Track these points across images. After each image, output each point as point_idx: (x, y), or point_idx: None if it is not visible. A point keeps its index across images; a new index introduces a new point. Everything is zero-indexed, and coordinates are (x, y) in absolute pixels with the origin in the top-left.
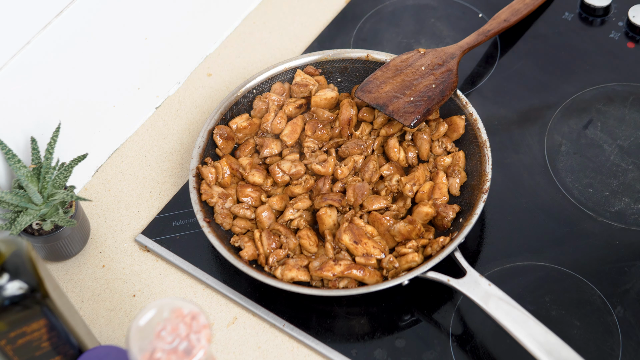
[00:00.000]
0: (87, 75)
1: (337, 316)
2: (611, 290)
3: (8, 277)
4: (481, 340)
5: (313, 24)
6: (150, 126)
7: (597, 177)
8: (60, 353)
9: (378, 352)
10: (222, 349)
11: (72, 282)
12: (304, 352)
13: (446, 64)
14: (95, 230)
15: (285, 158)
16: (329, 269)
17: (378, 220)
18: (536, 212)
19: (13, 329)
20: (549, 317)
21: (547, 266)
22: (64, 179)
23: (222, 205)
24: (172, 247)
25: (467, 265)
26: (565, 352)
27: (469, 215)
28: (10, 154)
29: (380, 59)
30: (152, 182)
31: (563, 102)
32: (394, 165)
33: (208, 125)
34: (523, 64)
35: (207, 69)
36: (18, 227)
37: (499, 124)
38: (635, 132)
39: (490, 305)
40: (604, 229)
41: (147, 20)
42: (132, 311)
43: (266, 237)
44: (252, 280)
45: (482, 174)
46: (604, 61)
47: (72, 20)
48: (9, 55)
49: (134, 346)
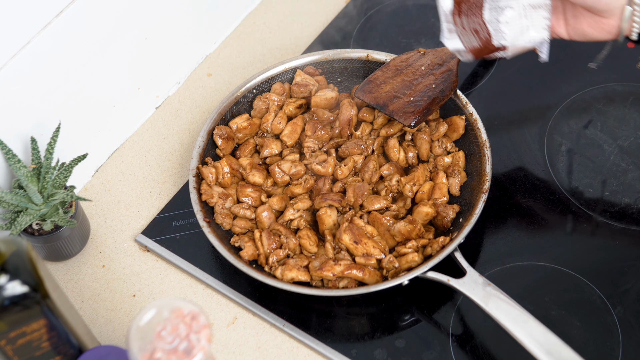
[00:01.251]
0: (87, 75)
1: (337, 316)
2: (611, 290)
3: (8, 277)
4: (481, 340)
5: (313, 24)
6: (150, 126)
7: (597, 177)
8: (60, 353)
9: (378, 352)
10: (222, 349)
11: (72, 282)
12: (304, 352)
13: (446, 63)
14: (95, 230)
15: (285, 158)
16: (329, 269)
17: (378, 220)
18: (536, 212)
19: (13, 329)
20: (549, 317)
21: (547, 266)
22: (64, 179)
23: (222, 205)
24: (172, 247)
25: (467, 265)
26: (565, 352)
27: (469, 215)
28: (10, 154)
29: (380, 59)
30: (152, 182)
31: (563, 102)
32: (394, 165)
33: (208, 126)
34: (523, 64)
35: (207, 69)
36: (18, 227)
37: (499, 124)
38: (635, 132)
39: (490, 305)
40: (604, 229)
41: (147, 20)
42: (132, 311)
43: (266, 237)
44: (252, 280)
45: (482, 174)
46: (604, 61)
47: (72, 20)
48: (9, 55)
49: (134, 346)
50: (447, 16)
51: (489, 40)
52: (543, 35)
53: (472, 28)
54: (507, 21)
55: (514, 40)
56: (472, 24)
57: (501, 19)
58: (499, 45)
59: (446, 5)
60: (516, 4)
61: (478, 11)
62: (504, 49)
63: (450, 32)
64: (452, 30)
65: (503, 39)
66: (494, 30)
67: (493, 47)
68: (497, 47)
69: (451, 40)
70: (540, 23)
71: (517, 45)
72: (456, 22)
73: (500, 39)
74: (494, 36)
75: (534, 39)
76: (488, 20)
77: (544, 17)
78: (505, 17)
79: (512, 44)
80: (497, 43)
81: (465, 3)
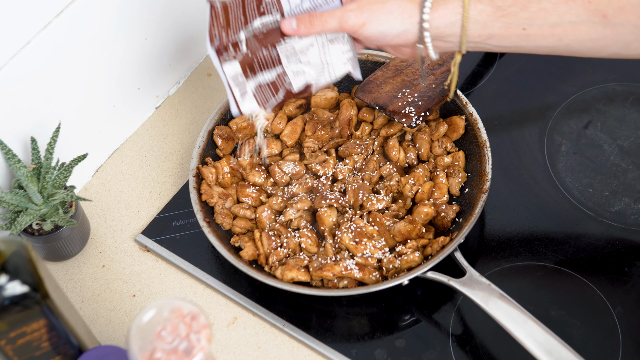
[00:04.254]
0: (87, 75)
1: (337, 316)
2: (611, 290)
3: (8, 277)
4: (481, 340)
5: None
6: (150, 126)
7: (597, 177)
8: (60, 353)
9: (378, 352)
10: (222, 349)
11: (72, 282)
12: (304, 352)
13: (446, 64)
14: (95, 230)
15: (286, 158)
16: (329, 269)
17: (378, 220)
18: (536, 212)
19: (13, 329)
20: (549, 317)
21: (547, 266)
22: (64, 179)
23: (222, 205)
24: (172, 247)
25: (467, 265)
26: (565, 352)
27: (469, 215)
28: (10, 154)
29: (380, 59)
30: (152, 182)
31: (563, 102)
32: (394, 165)
33: (208, 126)
34: (523, 64)
35: (207, 69)
36: (18, 227)
37: (499, 124)
38: (635, 132)
39: (490, 305)
40: (604, 229)
41: (147, 20)
42: (132, 311)
43: (266, 237)
44: (252, 280)
45: (482, 174)
46: (604, 61)
47: (72, 20)
48: (9, 55)
49: (134, 346)
50: (237, 80)
51: (290, 88)
52: (346, 69)
53: (269, 81)
54: (308, 61)
55: (318, 78)
56: (269, 77)
57: (303, 59)
58: (302, 88)
59: (232, 72)
60: (315, 42)
61: (275, 60)
62: (306, 90)
63: (243, 95)
64: (245, 93)
65: (307, 79)
66: (294, 75)
67: (293, 93)
68: (298, 91)
69: (245, 103)
70: (340, 58)
71: (321, 83)
72: (249, 81)
73: (303, 80)
74: (293, 81)
75: (338, 73)
76: (287, 66)
77: (343, 52)
78: (307, 57)
79: (316, 81)
80: (300, 86)
81: (257, 59)
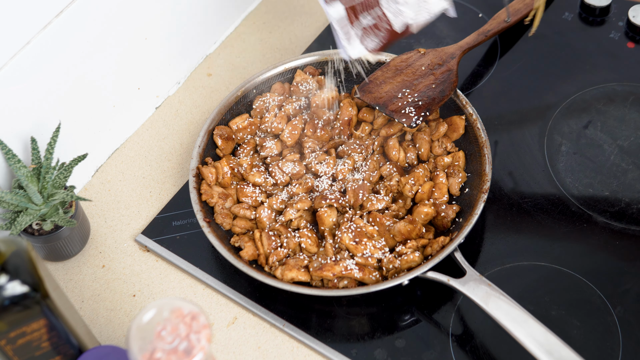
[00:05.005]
0: (87, 75)
1: (337, 316)
2: (611, 290)
3: (8, 277)
4: (481, 340)
5: (313, 24)
6: (150, 126)
7: (597, 177)
8: (60, 353)
9: (378, 352)
10: (222, 349)
11: (72, 282)
12: (304, 352)
13: (446, 63)
14: (95, 230)
15: (286, 158)
16: (329, 269)
17: (378, 220)
18: (536, 212)
19: (13, 329)
20: (549, 317)
21: (547, 266)
22: (64, 179)
23: (222, 205)
24: (172, 247)
25: (467, 265)
26: (565, 352)
27: (469, 215)
28: (10, 154)
29: (380, 59)
30: (152, 182)
31: (563, 102)
32: (394, 165)
33: (208, 126)
34: (523, 64)
35: (207, 69)
36: (18, 227)
37: (499, 124)
38: (635, 132)
39: (490, 305)
40: (604, 229)
41: (147, 20)
42: (132, 311)
43: (266, 237)
44: (252, 280)
45: (482, 174)
46: (604, 61)
47: (72, 20)
48: (9, 55)
49: (134, 346)
50: (342, 23)
51: (391, 28)
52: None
53: (371, 24)
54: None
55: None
56: (371, 19)
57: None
58: (402, 27)
59: (337, 14)
60: None
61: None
62: (407, 31)
63: (349, 38)
64: (351, 36)
65: (405, 19)
66: (393, 15)
67: (396, 33)
68: (400, 32)
69: (352, 46)
70: None
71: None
72: (354, 25)
73: (402, 21)
74: (394, 22)
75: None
76: (385, 7)
77: None
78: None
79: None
80: (400, 26)
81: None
